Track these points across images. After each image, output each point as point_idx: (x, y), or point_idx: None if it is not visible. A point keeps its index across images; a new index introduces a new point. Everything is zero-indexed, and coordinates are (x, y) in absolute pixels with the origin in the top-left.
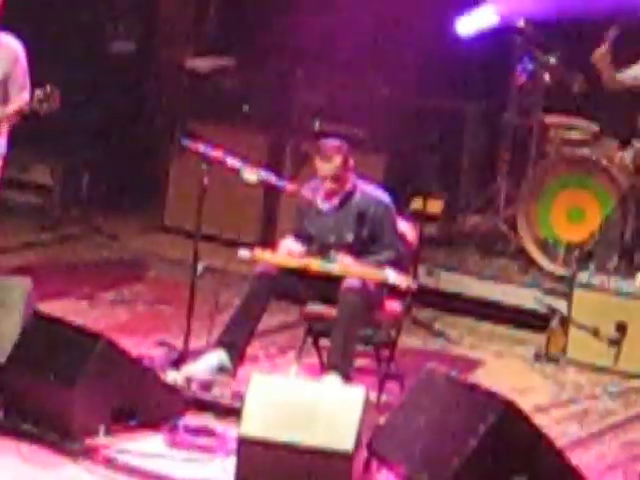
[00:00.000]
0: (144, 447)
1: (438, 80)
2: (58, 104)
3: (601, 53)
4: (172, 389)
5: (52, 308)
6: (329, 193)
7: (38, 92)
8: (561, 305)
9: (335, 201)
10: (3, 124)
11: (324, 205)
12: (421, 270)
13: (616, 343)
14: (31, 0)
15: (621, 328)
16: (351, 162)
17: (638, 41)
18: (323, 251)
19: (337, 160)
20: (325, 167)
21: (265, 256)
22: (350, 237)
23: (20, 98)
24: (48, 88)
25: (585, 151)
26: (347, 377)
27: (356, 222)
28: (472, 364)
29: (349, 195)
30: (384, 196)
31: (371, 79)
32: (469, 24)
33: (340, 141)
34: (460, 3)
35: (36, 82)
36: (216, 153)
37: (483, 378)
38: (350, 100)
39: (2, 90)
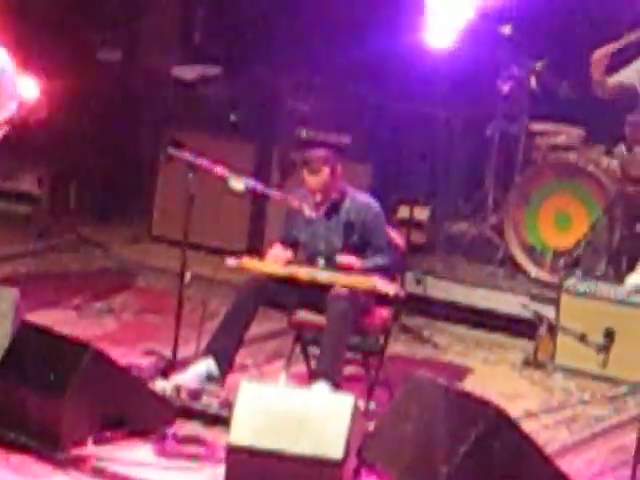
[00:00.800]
0: (133, 456)
1: (424, 87)
2: (45, 113)
3: (602, 54)
4: (161, 398)
5: (40, 318)
6: (318, 203)
7: (26, 101)
8: (549, 312)
9: (324, 209)
10: None
11: (313, 213)
12: (409, 277)
13: (604, 349)
14: (16, 8)
15: (609, 334)
16: (339, 169)
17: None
18: (312, 258)
19: (325, 172)
20: (313, 180)
21: (253, 264)
22: (339, 244)
23: (8, 108)
24: (38, 99)
25: (572, 157)
26: (336, 385)
27: (345, 229)
28: (461, 371)
29: (338, 202)
30: (373, 202)
31: (357, 87)
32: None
33: (327, 151)
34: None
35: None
36: (203, 162)
37: (472, 385)
38: (336, 108)
39: None
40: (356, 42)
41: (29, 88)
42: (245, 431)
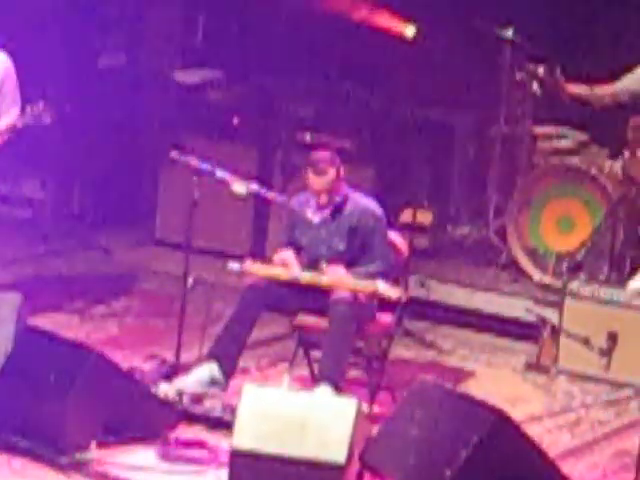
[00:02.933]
0: (136, 460)
1: (427, 91)
2: (49, 120)
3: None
4: (164, 402)
5: (43, 322)
6: (322, 205)
7: (30, 107)
8: (552, 315)
9: (326, 212)
10: None
11: (315, 217)
12: (412, 281)
13: (607, 352)
14: (18, 13)
15: (612, 337)
16: (342, 172)
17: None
18: (314, 262)
19: (331, 173)
20: (319, 181)
21: (255, 268)
22: (342, 247)
23: (11, 113)
24: (41, 105)
25: (574, 160)
26: (339, 388)
27: (348, 232)
28: (463, 375)
29: (340, 205)
30: (375, 206)
31: (360, 91)
32: None
33: (331, 153)
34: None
35: (28, 97)
36: (206, 166)
37: (474, 389)
38: (339, 112)
39: None
40: (360, 46)
41: (31, 93)
42: (248, 435)
